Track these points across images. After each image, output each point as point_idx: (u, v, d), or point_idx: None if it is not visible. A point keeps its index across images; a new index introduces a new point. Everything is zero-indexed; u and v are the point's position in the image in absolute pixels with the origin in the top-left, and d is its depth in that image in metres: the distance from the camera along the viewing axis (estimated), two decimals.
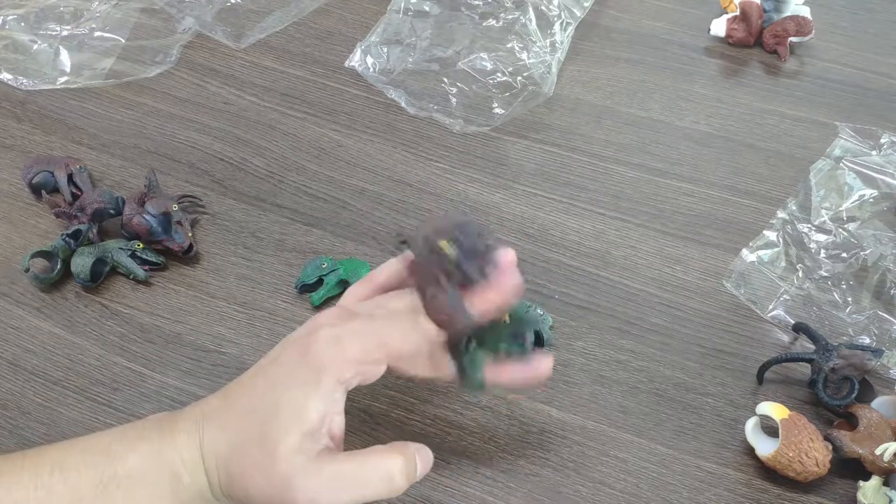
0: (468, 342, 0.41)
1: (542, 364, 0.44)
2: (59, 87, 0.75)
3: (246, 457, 0.41)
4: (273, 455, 0.40)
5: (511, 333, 0.42)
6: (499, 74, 0.74)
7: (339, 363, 0.41)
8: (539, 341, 0.55)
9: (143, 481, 0.41)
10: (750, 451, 0.51)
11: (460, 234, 0.39)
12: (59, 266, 0.58)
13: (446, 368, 0.43)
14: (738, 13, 0.81)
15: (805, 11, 0.81)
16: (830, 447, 0.49)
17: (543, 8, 0.77)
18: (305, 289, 0.59)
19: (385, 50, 0.77)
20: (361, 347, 0.41)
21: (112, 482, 0.41)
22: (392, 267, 0.47)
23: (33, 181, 0.64)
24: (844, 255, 0.60)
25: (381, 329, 0.42)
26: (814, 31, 0.80)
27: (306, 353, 0.41)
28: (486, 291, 0.41)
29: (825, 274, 0.59)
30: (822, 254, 0.60)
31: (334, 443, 0.42)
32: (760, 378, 0.55)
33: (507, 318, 0.41)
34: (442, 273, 0.39)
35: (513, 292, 0.41)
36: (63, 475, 0.41)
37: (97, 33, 0.78)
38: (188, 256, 0.60)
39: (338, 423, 0.42)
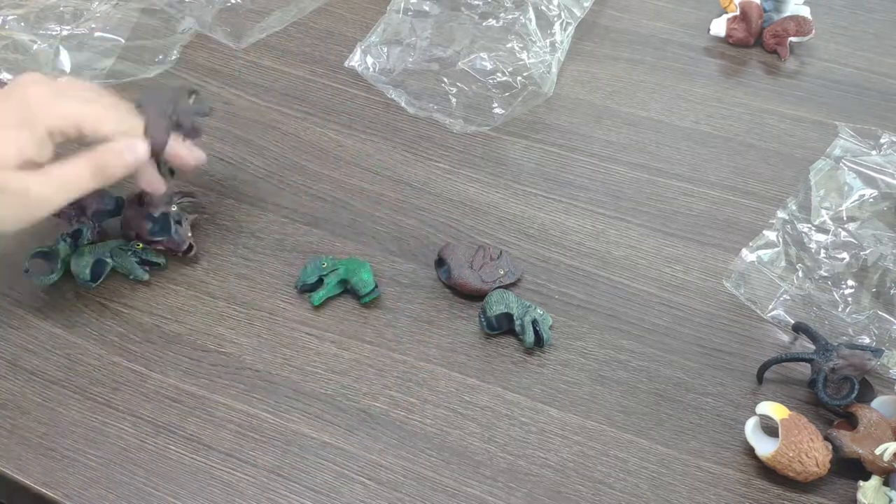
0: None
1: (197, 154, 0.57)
2: None
3: None
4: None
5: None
6: (499, 74, 0.74)
7: (54, 117, 0.51)
8: (539, 341, 0.55)
9: None
10: (750, 451, 0.51)
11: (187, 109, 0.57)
12: (59, 266, 0.58)
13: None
14: (738, 13, 0.81)
15: (805, 11, 0.81)
16: (830, 447, 0.49)
17: (543, 8, 0.77)
18: (306, 289, 0.59)
19: (385, 50, 0.77)
20: (73, 111, 0.52)
21: None
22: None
23: None
24: (844, 255, 0.59)
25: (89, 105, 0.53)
26: (814, 31, 0.80)
27: (26, 102, 0.51)
28: (182, 151, 0.56)
29: (825, 274, 0.59)
30: (822, 254, 0.60)
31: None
32: (760, 378, 0.55)
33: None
34: (170, 117, 0.55)
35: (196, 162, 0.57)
36: None
37: (97, 33, 0.78)
38: (188, 256, 0.60)
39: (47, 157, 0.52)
